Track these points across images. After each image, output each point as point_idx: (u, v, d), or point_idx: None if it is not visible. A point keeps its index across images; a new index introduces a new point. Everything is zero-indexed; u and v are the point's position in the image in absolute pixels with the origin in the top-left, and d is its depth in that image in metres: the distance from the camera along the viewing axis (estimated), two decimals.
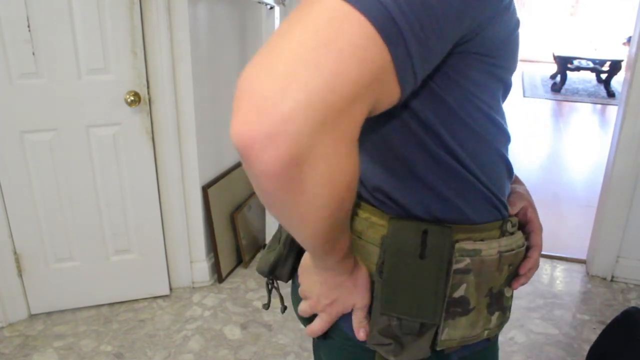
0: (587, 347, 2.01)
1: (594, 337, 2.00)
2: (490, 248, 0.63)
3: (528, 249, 0.72)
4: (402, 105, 0.57)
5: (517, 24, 0.59)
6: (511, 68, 0.62)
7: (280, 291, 0.84)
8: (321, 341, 0.76)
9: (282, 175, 0.42)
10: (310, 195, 0.45)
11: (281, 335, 2.09)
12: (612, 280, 2.49)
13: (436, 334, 0.64)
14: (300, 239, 0.54)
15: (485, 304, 0.66)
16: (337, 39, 0.41)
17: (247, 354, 1.99)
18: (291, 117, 0.40)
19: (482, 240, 0.63)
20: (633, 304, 2.33)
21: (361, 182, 0.65)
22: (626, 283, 2.47)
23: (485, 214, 0.65)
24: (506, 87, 0.64)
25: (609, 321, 1.64)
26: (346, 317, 0.69)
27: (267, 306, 0.84)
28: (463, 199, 0.62)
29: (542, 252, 2.68)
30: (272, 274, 0.79)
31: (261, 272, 0.80)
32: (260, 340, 2.06)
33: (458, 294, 0.63)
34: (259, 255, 2.66)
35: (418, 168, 0.61)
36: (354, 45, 0.41)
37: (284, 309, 0.85)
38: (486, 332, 0.67)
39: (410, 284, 0.62)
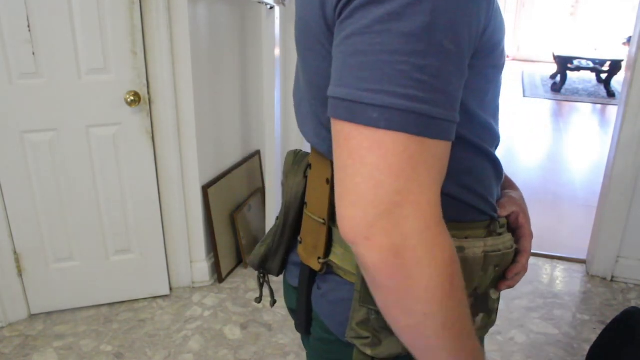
0: (587, 347, 2.01)
1: (594, 337, 2.00)
2: (475, 247, 0.63)
3: (517, 253, 0.72)
4: None
5: (502, 24, 0.60)
6: (499, 66, 0.62)
7: (271, 285, 0.86)
8: (306, 337, 0.78)
9: (386, 263, 0.50)
10: (422, 278, 0.50)
11: (281, 335, 2.09)
12: (612, 280, 2.49)
13: None
14: (435, 347, 0.54)
15: (470, 304, 0.65)
16: (384, 159, 0.49)
17: (247, 354, 1.99)
18: (376, 224, 0.50)
19: (466, 238, 0.63)
20: (633, 304, 2.33)
21: None
22: (626, 283, 2.47)
23: (471, 214, 0.65)
24: (496, 87, 0.64)
25: (609, 321, 1.64)
26: (327, 312, 0.70)
27: (259, 300, 0.87)
28: (447, 204, 0.62)
29: (542, 252, 2.69)
30: (263, 267, 0.82)
31: (252, 265, 0.84)
32: (260, 340, 2.06)
33: None
34: None
35: None
36: (397, 154, 0.48)
37: (274, 302, 0.88)
38: None
39: None
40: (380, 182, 0.49)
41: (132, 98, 1.99)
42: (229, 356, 1.98)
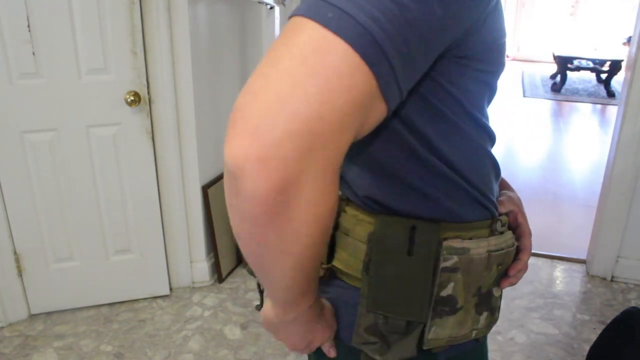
0: (587, 347, 2.01)
1: (594, 337, 2.00)
2: (479, 247, 0.63)
3: (518, 251, 0.72)
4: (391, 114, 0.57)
5: (503, 31, 0.59)
6: (497, 72, 0.61)
7: None
8: None
9: (270, 198, 0.44)
10: (296, 221, 0.46)
11: None
12: (612, 280, 2.49)
13: (423, 333, 0.64)
14: (278, 275, 0.53)
15: (474, 304, 0.65)
16: (323, 68, 0.43)
17: (247, 354, 1.99)
18: (281, 144, 0.42)
19: (470, 239, 0.63)
20: (633, 304, 2.33)
21: (352, 190, 0.65)
22: (626, 283, 2.47)
23: (475, 213, 0.64)
24: (492, 91, 0.64)
25: (609, 321, 1.64)
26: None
27: (259, 307, 0.84)
28: (452, 199, 0.62)
29: (542, 252, 2.69)
30: None
31: (251, 273, 0.81)
32: (260, 340, 2.06)
33: (446, 292, 0.62)
34: None
35: (406, 173, 0.60)
36: (340, 73, 0.43)
37: None
38: (474, 332, 0.67)
39: (397, 281, 0.61)
40: (307, 96, 0.42)
41: (132, 98, 1.99)
42: (229, 356, 1.98)
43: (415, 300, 0.62)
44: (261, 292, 0.83)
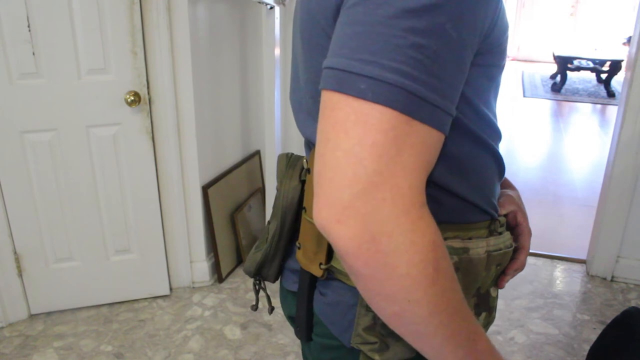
0: (587, 347, 2.01)
1: (594, 337, 2.00)
2: (478, 247, 0.63)
3: (515, 250, 0.72)
4: None
5: (506, 24, 0.59)
6: (502, 66, 0.62)
7: (267, 292, 0.84)
8: (306, 343, 0.76)
9: (362, 249, 0.47)
10: (400, 266, 0.48)
11: (281, 335, 2.09)
12: (612, 280, 2.49)
13: None
14: (426, 333, 0.52)
15: (473, 304, 0.65)
16: (366, 133, 0.47)
17: (247, 354, 1.99)
18: (351, 204, 0.47)
19: (469, 239, 0.63)
20: (633, 304, 2.33)
21: None
22: (626, 283, 2.47)
23: (474, 214, 0.64)
24: (497, 87, 0.64)
25: (609, 321, 1.64)
26: (330, 317, 0.69)
27: (255, 307, 0.84)
28: (453, 200, 0.62)
29: (542, 252, 2.69)
30: (259, 274, 0.79)
31: (247, 273, 0.81)
32: (260, 340, 2.06)
33: None
34: None
35: None
36: (383, 131, 0.46)
37: (272, 309, 0.85)
38: None
39: None
40: (360, 159, 0.46)
41: (132, 98, 1.99)
42: (229, 356, 1.98)
43: None
44: (257, 291, 0.82)
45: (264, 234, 0.79)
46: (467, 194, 0.62)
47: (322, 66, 0.51)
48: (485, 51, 0.55)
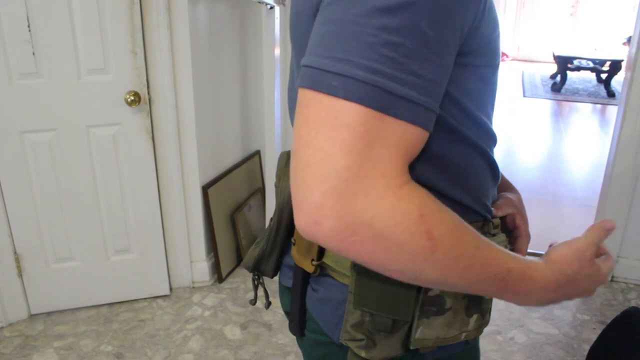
0: (587, 347, 2.01)
1: (594, 337, 2.00)
2: None
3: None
4: None
5: (496, 22, 0.59)
6: (495, 65, 0.61)
7: (266, 287, 0.85)
8: (300, 339, 0.77)
9: (348, 242, 0.48)
10: (394, 246, 0.48)
11: (281, 335, 2.09)
12: (612, 280, 2.49)
13: (410, 332, 0.64)
14: (452, 286, 0.54)
15: (463, 306, 0.65)
16: (336, 130, 0.47)
17: (247, 354, 1.99)
18: (324, 203, 0.47)
19: None
20: (633, 303, 2.33)
21: None
22: (626, 283, 2.47)
23: (465, 215, 0.63)
24: (492, 87, 0.63)
25: (609, 321, 1.64)
26: (321, 314, 0.70)
27: (253, 302, 0.86)
28: (442, 200, 0.62)
29: (542, 252, 2.69)
30: (257, 269, 0.81)
31: (246, 267, 0.82)
32: (260, 340, 2.06)
33: (433, 292, 0.62)
34: None
35: None
36: (353, 127, 0.47)
37: (269, 304, 0.87)
38: (464, 334, 0.67)
39: (383, 279, 0.61)
40: (329, 155, 0.47)
41: (132, 98, 1.99)
42: (229, 356, 1.98)
43: (401, 299, 0.62)
44: (256, 286, 0.84)
45: (265, 230, 0.81)
46: (456, 195, 0.62)
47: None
48: (473, 50, 0.55)
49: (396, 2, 0.46)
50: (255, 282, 0.84)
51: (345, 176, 0.46)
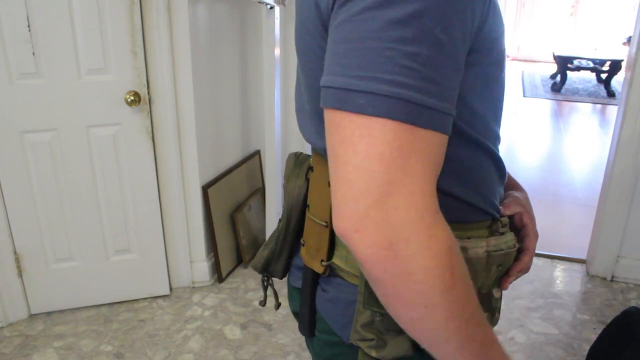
0: (587, 347, 2.01)
1: (594, 337, 2.00)
2: (478, 247, 0.63)
3: (520, 252, 0.72)
4: None
5: (500, 20, 0.59)
6: (501, 63, 0.61)
7: (275, 288, 0.85)
8: (309, 339, 0.77)
9: (380, 255, 0.49)
10: (418, 272, 0.49)
11: (281, 335, 2.09)
12: (612, 280, 2.49)
13: None
14: (442, 339, 0.53)
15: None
16: (373, 147, 0.48)
17: (247, 354, 1.99)
18: (367, 214, 0.49)
19: (468, 238, 0.63)
20: (633, 303, 2.33)
21: None
22: (626, 283, 2.47)
23: (473, 214, 0.64)
24: (499, 85, 0.63)
25: (609, 321, 1.64)
26: (331, 314, 0.70)
27: (263, 303, 0.86)
28: (450, 201, 0.62)
29: (542, 252, 2.69)
30: (266, 270, 0.81)
31: (255, 268, 0.82)
32: (260, 340, 2.06)
33: None
34: None
35: None
36: (387, 142, 0.48)
37: (278, 305, 0.86)
38: None
39: None
40: (371, 172, 0.48)
41: (132, 98, 1.99)
42: (229, 356, 1.98)
43: None
44: (265, 287, 0.83)
45: (275, 231, 0.81)
46: (464, 194, 0.62)
47: (319, 84, 0.53)
48: (479, 48, 0.55)
49: (407, 13, 0.47)
50: (265, 283, 0.84)
51: (388, 190, 0.48)
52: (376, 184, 0.48)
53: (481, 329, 0.55)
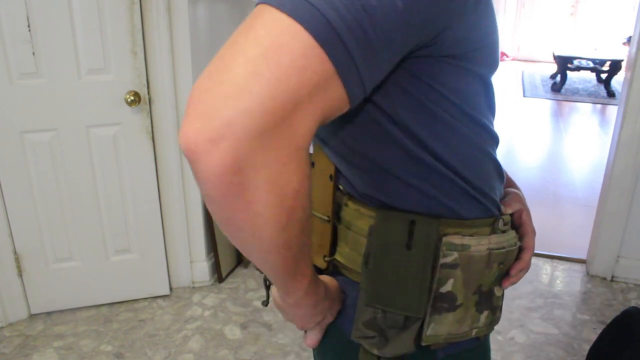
0: (587, 347, 2.01)
1: (594, 337, 2.00)
2: (480, 244, 0.63)
3: (521, 250, 0.72)
4: (381, 112, 0.57)
5: (491, 29, 0.58)
6: (491, 68, 0.61)
7: None
8: None
9: (224, 179, 0.44)
10: (258, 204, 0.46)
11: (281, 335, 2.09)
12: (612, 280, 2.49)
13: (421, 329, 0.64)
14: (259, 260, 0.54)
15: (474, 302, 0.65)
16: (276, 50, 0.43)
17: (247, 354, 1.99)
18: (231, 123, 0.42)
19: (471, 235, 0.63)
20: (633, 303, 2.33)
21: (353, 187, 0.66)
22: (626, 283, 2.47)
23: (474, 211, 0.64)
24: (487, 89, 0.63)
25: (609, 321, 1.64)
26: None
27: (265, 303, 0.85)
28: (450, 197, 0.62)
29: (542, 252, 2.69)
30: None
31: (257, 269, 0.81)
32: (260, 340, 2.06)
33: (445, 289, 0.62)
34: None
35: (401, 172, 0.60)
36: (293, 54, 0.43)
37: None
38: (475, 330, 0.67)
39: (395, 275, 0.61)
40: (258, 73, 0.42)
41: (132, 98, 1.99)
42: (229, 356, 1.98)
43: (414, 295, 0.62)
44: (267, 287, 0.83)
45: None
46: (463, 189, 0.62)
47: None
48: (460, 54, 0.55)
49: None
50: (267, 283, 0.82)
51: (268, 108, 0.43)
52: (259, 91, 0.42)
53: (293, 274, 0.56)
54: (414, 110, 0.57)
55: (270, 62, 0.43)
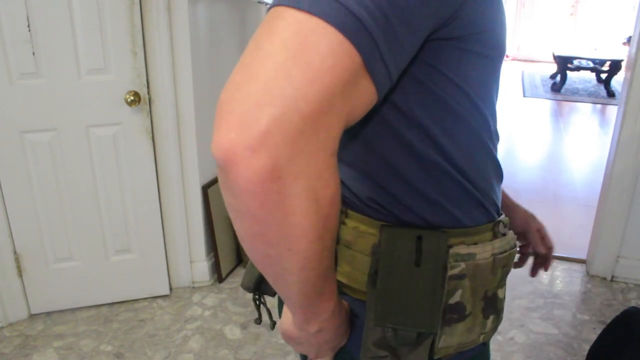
0: (587, 347, 2.01)
1: (594, 337, 2.00)
2: (484, 252, 0.62)
3: (537, 254, 0.73)
4: (394, 110, 0.56)
5: (498, 11, 0.57)
6: (496, 57, 0.59)
7: (268, 306, 0.81)
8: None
9: (264, 187, 0.42)
10: (294, 215, 0.45)
11: None
12: (612, 280, 2.49)
13: (433, 342, 0.63)
14: (288, 282, 0.51)
15: (481, 308, 0.65)
16: (304, 50, 0.42)
17: (247, 354, 1.99)
18: (269, 130, 0.41)
19: (475, 244, 0.62)
20: (633, 303, 2.33)
21: (354, 194, 0.64)
22: (626, 283, 2.47)
23: (477, 216, 0.63)
24: (495, 79, 0.62)
25: (609, 321, 1.64)
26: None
27: (259, 321, 0.81)
28: (453, 202, 0.61)
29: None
30: (258, 289, 0.76)
31: (246, 288, 0.77)
32: (260, 340, 2.06)
33: (454, 300, 0.61)
34: None
35: (404, 172, 0.59)
36: (322, 53, 0.42)
37: (273, 324, 0.83)
38: (482, 336, 0.67)
39: (405, 293, 0.60)
40: (289, 76, 0.41)
41: (132, 98, 1.99)
42: (229, 356, 1.98)
43: (425, 311, 0.60)
44: (258, 306, 0.79)
45: None
46: (467, 191, 0.61)
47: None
48: (467, 34, 0.53)
49: None
50: (257, 302, 0.79)
51: (304, 111, 0.42)
52: (292, 95, 0.41)
53: (328, 284, 0.55)
54: (427, 103, 0.56)
55: (301, 64, 0.42)
